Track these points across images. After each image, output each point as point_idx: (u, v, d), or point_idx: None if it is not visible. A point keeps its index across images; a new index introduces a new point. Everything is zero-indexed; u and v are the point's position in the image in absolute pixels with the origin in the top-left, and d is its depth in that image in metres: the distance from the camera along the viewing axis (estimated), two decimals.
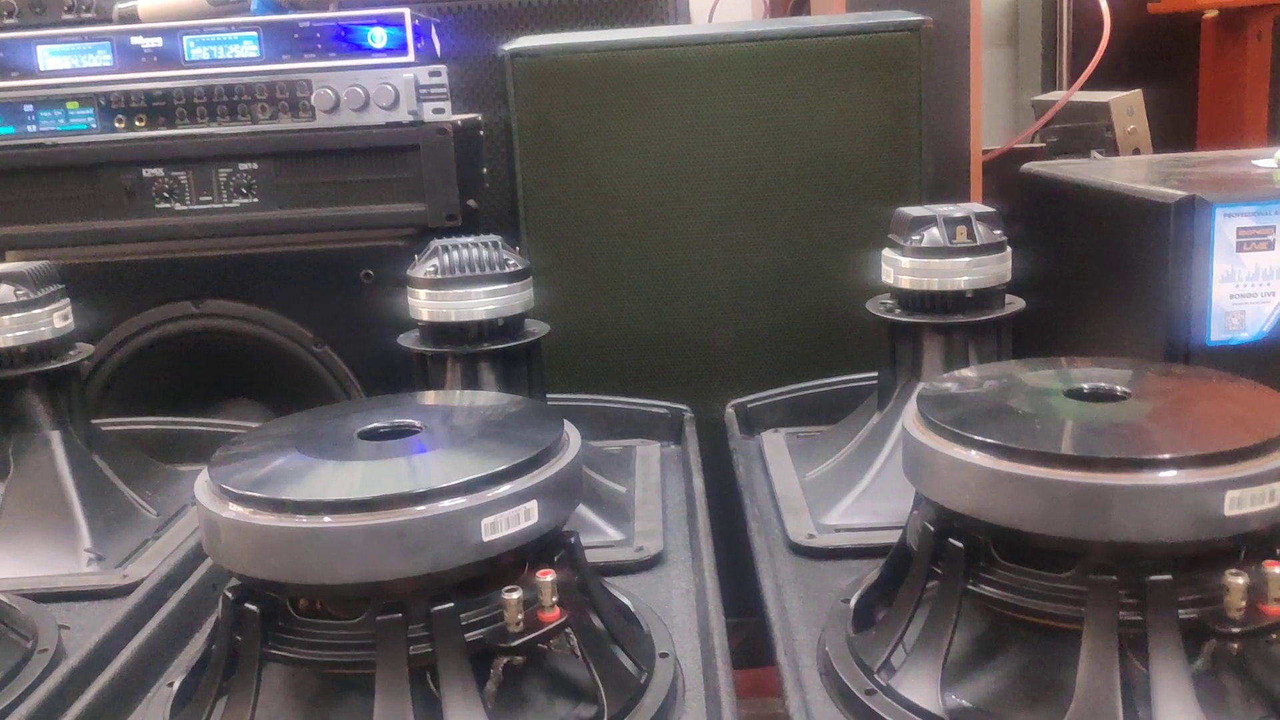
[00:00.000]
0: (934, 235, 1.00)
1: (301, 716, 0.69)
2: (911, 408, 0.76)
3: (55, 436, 1.05)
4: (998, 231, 1.01)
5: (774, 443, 1.19)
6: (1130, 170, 1.42)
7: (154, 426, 1.23)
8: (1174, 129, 2.11)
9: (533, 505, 0.68)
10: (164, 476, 1.13)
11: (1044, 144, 2.06)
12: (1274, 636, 0.64)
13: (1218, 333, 1.11)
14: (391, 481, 0.67)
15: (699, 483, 1.03)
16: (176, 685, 0.74)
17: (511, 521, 0.67)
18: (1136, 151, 1.96)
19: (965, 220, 0.99)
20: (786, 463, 1.12)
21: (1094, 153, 1.95)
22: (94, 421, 1.13)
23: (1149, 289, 1.14)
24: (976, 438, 0.68)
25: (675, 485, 1.11)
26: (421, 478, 0.67)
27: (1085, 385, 0.75)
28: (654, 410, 1.23)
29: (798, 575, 0.90)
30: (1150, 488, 0.62)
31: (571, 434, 0.76)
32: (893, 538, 0.86)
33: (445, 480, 0.66)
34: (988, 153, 1.97)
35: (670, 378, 1.35)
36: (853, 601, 0.80)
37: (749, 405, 1.23)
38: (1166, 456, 0.63)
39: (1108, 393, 0.74)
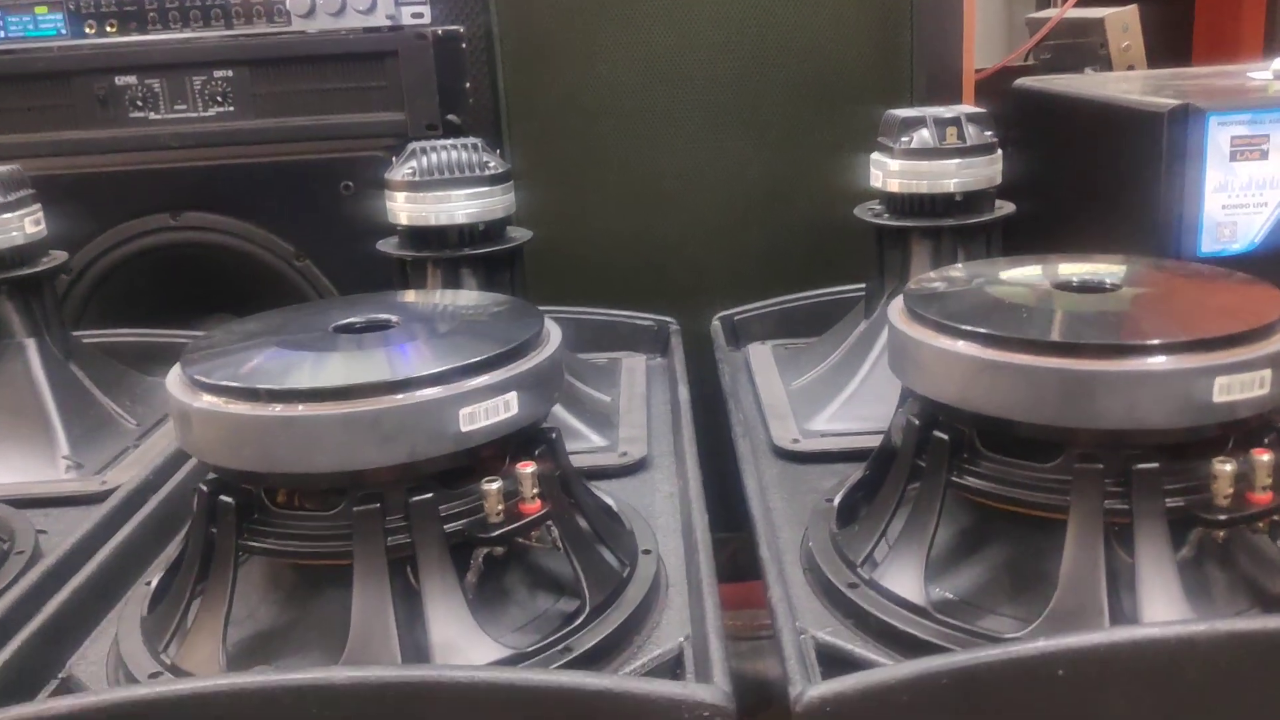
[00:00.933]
0: (924, 136, 0.98)
1: (279, 610, 0.69)
2: (898, 303, 0.75)
3: (30, 344, 1.03)
4: (989, 133, 0.99)
5: (760, 354, 1.17)
6: (1124, 84, 1.40)
7: (133, 338, 1.21)
8: (1169, 45, 2.07)
9: (512, 397, 0.66)
10: (143, 387, 1.12)
11: (1037, 62, 2.03)
12: (1260, 525, 0.63)
13: (1209, 244, 1.10)
14: (367, 371, 0.65)
15: (684, 391, 1.02)
16: (154, 582, 0.73)
17: (491, 412, 0.65)
18: (1131, 68, 1.93)
19: (955, 121, 0.97)
20: (772, 372, 1.11)
21: (1088, 69, 1.92)
22: (73, 334, 1.11)
23: (1140, 201, 1.12)
24: (962, 327, 0.66)
25: (660, 396, 1.10)
26: (399, 367, 0.65)
27: (1074, 278, 0.74)
28: (640, 322, 1.22)
29: (782, 478, 0.90)
30: (1138, 373, 0.61)
31: (552, 329, 0.75)
32: (878, 441, 0.85)
33: (423, 369, 0.64)
34: (980, 71, 1.93)
35: (656, 290, 1.34)
36: (836, 500, 0.80)
37: (735, 317, 1.22)
38: (1155, 342, 0.62)
39: (1096, 284, 0.73)
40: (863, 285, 1.13)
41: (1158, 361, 0.61)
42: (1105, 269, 0.76)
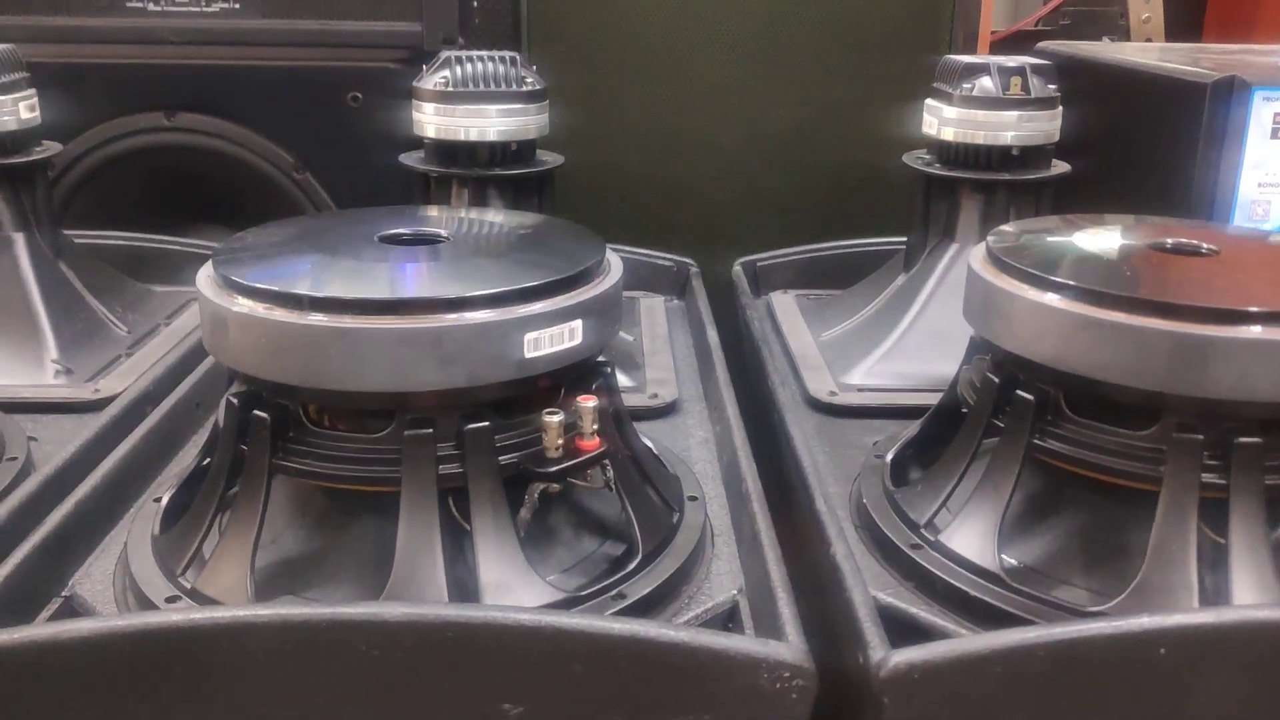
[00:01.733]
0: (985, 85, 0.93)
1: (307, 536, 0.64)
2: (979, 251, 0.70)
3: (19, 239, 0.96)
4: (1052, 86, 0.94)
5: (784, 303, 1.13)
6: (1153, 54, 1.36)
7: (123, 242, 1.14)
8: (1181, 22, 2.04)
9: (577, 325, 0.62)
10: (135, 294, 1.05)
11: (1055, 28, 1.99)
12: None
13: (1240, 221, 1.07)
14: (423, 285, 0.60)
15: (713, 334, 0.98)
16: (165, 499, 0.68)
17: (555, 340, 0.60)
18: (1149, 41, 1.90)
19: (1020, 70, 0.93)
20: (799, 323, 1.07)
21: (1105, 39, 1.89)
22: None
23: (1173, 172, 1.08)
24: (1061, 281, 0.62)
25: (682, 338, 1.06)
26: (459, 285, 0.60)
27: (1166, 240, 0.71)
28: (659, 262, 1.17)
29: (820, 431, 0.86)
30: (1256, 341, 0.57)
31: (612, 256, 0.70)
32: (920, 400, 0.82)
33: (485, 288, 0.59)
34: (995, 33, 1.89)
35: (671, 231, 1.29)
36: (889, 456, 0.76)
37: (758, 264, 1.17)
38: (1272, 310, 0.58)
39: (1192, 248, 0.70)
40: (891, 239, 1.09)
41: (1276, 331, 0.58)
42: (1196, 231, 0.72)
